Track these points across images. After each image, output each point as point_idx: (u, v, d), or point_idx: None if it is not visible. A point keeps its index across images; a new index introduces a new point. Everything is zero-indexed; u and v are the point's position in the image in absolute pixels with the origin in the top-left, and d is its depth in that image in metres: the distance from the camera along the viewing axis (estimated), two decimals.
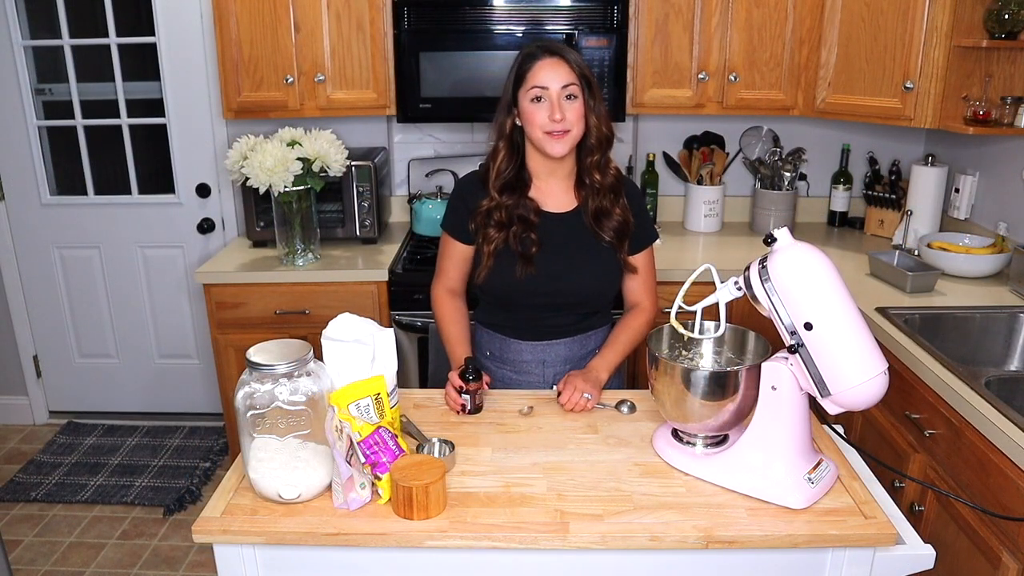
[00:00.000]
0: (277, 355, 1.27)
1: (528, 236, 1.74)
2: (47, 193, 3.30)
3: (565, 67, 1.66)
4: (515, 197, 1.75)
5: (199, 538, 1.27)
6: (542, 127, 1.67)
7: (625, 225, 1.78)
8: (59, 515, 2.90)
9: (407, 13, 2.63)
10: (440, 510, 1.28)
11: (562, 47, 1.69)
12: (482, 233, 1.76)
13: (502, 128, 1.74)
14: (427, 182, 3.15)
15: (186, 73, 3.12)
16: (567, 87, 1.65)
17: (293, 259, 2.71)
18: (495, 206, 1.74)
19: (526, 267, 1.74)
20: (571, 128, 1.68)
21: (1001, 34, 2.33)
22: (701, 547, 1.23)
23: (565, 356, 1.83)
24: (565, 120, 1.66)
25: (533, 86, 1.66)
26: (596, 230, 1.76)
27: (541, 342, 1.82)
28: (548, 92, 1.65)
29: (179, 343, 3.47)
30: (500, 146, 1.75)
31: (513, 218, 1.74)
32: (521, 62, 1.70)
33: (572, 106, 1.67)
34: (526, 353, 1.83)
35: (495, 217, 1.74)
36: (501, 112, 1.75)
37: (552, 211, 1.78)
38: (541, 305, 1.77)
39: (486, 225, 1.75)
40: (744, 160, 3.13)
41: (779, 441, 1.32)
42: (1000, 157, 2.61)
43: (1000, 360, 2.15)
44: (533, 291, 1.75)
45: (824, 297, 1.25)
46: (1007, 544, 1.57)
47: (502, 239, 1.74)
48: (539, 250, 1.74)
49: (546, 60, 1.66)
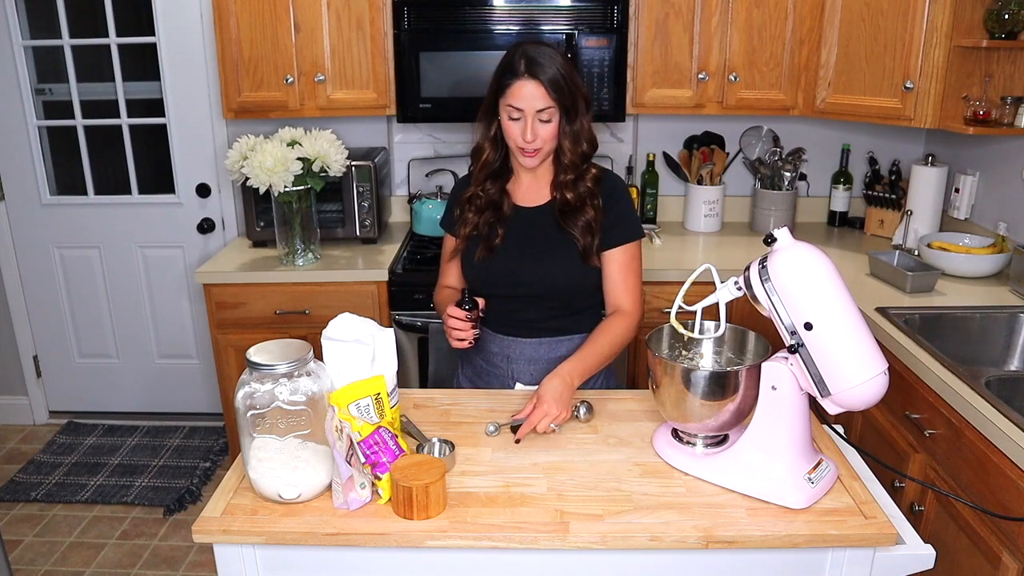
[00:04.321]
0: (277, 355, 1.27)
1: (495, 225, 1.78)
2: (47, 193, 3.30)
3: (541, 91, 1.65)
4: (496, 185, 1.81)
5: (199, 538, 1.27)
6: (516, 142, 1.71)
7: (593, 223, 1.75)
8: (59, 515, 2.90)
9: (407, 13, 2.63)
10: (440, 510, 1.28)
11: (544, 63, 1.65)
12: (462, 218, 1.82)
13: (486, 131, 1.78)
14: (427, 182, 3.15)
15: (186, 73, 3.12)
16: (542, 111, 1.67)
17: (293, 259, 2.71)
18: (478, 191, 1.80)
19: (485, 254, 1.77)
20: (543, 146, 1.71)
21: (1001, 34, 2.33)
22: (701, 547, 1.23)
23: (530, 356, 1.82)
24: (537, 140, 1.69)
25: (509, 104, 1.68)
26: (563, 225, 1.76)
27: (508, 337, 1.82)
28: (523, 113, 1.67)
29: (179, 343, 3.47)
30: (485, 146, 1.79)
31: (489, 204, 1.79)
32: (501, 73, 1.69)
33: (546, 127, 1.69)
34: (493, 345, 1.84)
35: (475, 203, 1.80)
36: (484, 115, 1.77)
37: (524, 205, 1.81)
38: (504, 296, 1.79)
39: (467, 210, 1.81)
40: (744, 160, 3.13)
41: (779, 441, 1.32)
42: (1000, 157, 2.61)
43: (1000, 360, 2.15)
44: (495, 280, 1.78)
45: (824, 297, 1.25)
46: (1007, 544, 1.57)
47: (475, 223, 1.79)
48: (503, 240, 1.77)
49: (523, 82, 1.65)
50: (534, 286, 1.76)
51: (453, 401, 1.68)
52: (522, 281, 1.77)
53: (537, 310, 1.79)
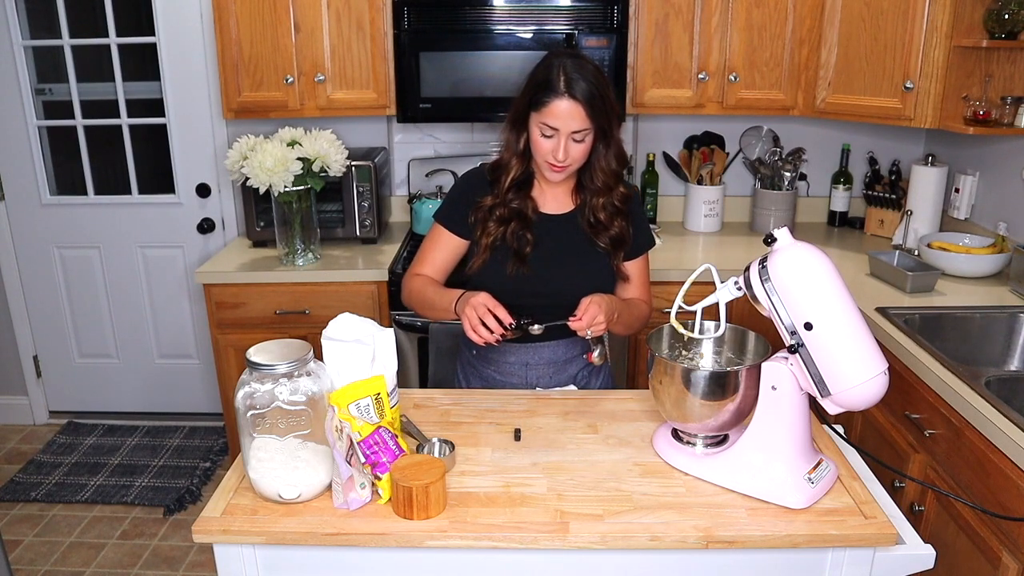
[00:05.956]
0: (277, 355, 1.27)
1: (524, 234, 1.74)
2: (47, 193, 3.30)
3: (580, 111, 1.61)
4: (520, 196, 1.76)
5: (199, 538, 1.27)
6: (544, 157, 1.68)
7: (622, 237, 1.78)
8: (59, 515, 2.90)
9: (407, 13, 2.63)
10: (440, 510, 1.28)
11: (584, 81, 1.61)
12: (481, 227, 1.77)
13: (515, 146, 1.74)
14: (427, 182, 3.15)
15: (186, 73, 3.12)
16: (577, 132, 1.64)
17: (293, 259, 2.71)
18: (500, 203, 1.75)
19: (519, 265, 1.74)
20: (572, 164, 1.69)
21: (1001, 34, 2.33)
22: (701, 547, 1.23)
23: (549, 359, 1.82)
24: (568, 159, 1.66)
25: (544, 122, 1.63)
26: (591, 236, 1.77)
27: (526, 344, 1.80)
28: (557, 132, 1.63)
29: (179, 343, 3.47)
30: (513, 162, 1.75)
31: (513, 215, 1.75)
32: (539, 86, 1.64)
33: (579, 147, 1.66)
34: (510, 355, 1.82)
35: (497, 213, 1.75)
36: (512, 127, 1.73)
37: (549, 212, 1.79)
38: (528, 306, 1.75)
39: (487, 220, 1.76)
40: (744, 160, 3.13)
41: (779, 441, 1.32)
42: (1000, 157, 2.61)
43: (1000, 360, 2.15)
44: (521, 291, 1.74)
45: (824, 297, 1.25)
46: (1007, 544, 1.57)
47: (500, 234, 1.75)
48: (533, 249, 1.75)
49: (564, 102, 1.60)
50: (563, 295, 1.71)
51: (453, 401, 1.68)
52: (551, 292, 1.75)
53: (558, 317, 1.78)
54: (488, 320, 1.59)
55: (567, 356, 1.83)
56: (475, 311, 1.60)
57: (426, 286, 1.80)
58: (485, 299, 1.61)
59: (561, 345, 1.82)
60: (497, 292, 1.71)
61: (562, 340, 1.81)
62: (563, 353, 1.83)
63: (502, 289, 1.73)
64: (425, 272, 1.85)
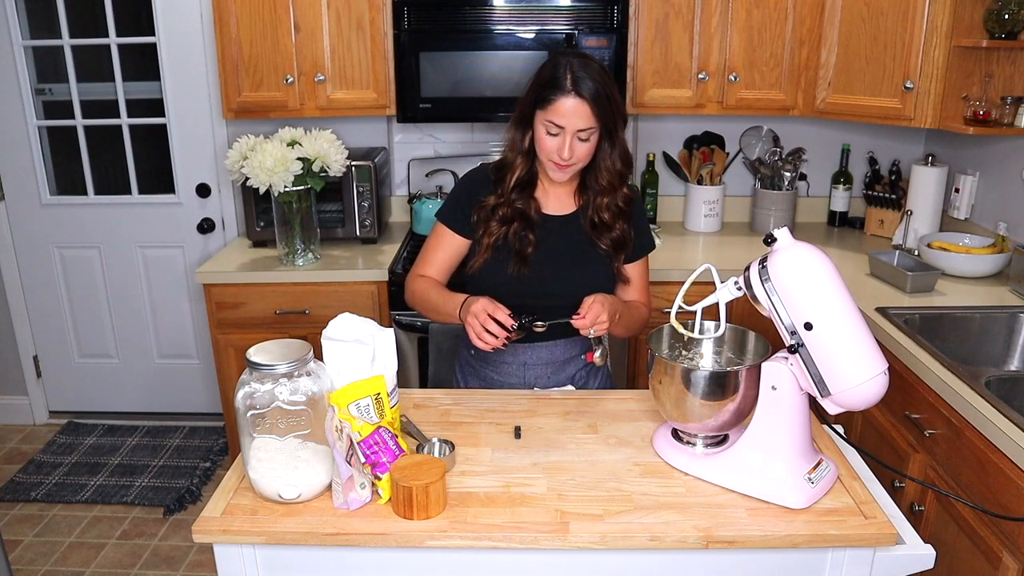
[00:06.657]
0: (277, 355, 1.27)
1: (526, 235, 1.74)
2: (47, 193, 3.30)
3: (586, 110, 1.61)
4: (524, 195, 1.76)
5: (199, 538, 1.27)
6: (549, 156, 1.68)
7: (624, 239, 1.78)
8: (59, 515, 2.90)
9: (407, 13, 2.63)
10: (440, 510, 1.28)
11: (590, 80, 1.61)
12: (484, 226, 1.77)
13: (519, 144, 1.73)
14: (427, 182, 3.15)
15: (186, 73, 3.12)
16: (582, 130, 1.64)
17: (293, 259, 2.71)
18: (503, 202, 1.75)
19: (520, 265, 1.74)
20: (577, 163, 1.69)
21: (1001, 34, 2.33)
22: (701, 547, 1.23)
23: (547, 359, 1.82)
24: (573, 158, 1.66)
25: (550, 119, 1.63)
26: (593, 238, 1.77)
27: (524, 344, 1.80)
28: (563, 130, 1.63)
29: (179, 343, 3.47)
30: (518, 161, 1.75)
31: (516, 215, 1.75)
32: (545, 84, 1.64)
33: (584, 145, 1.66)
34: (508, 355, 1.82)
35: (500, 212, 1.75)
36: (517, 125, 1.73)
37: (551, 213, 1.79)
38: (528, 306, 1.75)
39: (490, 219, 1.76)
40: (744, 160, 3.13)
41: (779, 441, 1.32)
42: (1000, 157, 2.61)
43: (1000, 360, 2.15)
44: (521, 291, 1.74)
45: (824, 297, 1.25)
46: (1007, 544, 1.57)
47: (502, 234, 1.75)
48: (535, 250, 1.74)
49: (570, 100, 1.61)
50: (565, 296, 1.71)
51: (453, 401, 1.68)
52: (551, 293, 1.75)
53: (558, 318, 1.78)
54: (490, 326, 1.59)
55: (565, 356, 1.83)
56: (476, 319, 1.60)
57: (430, 289, 1.80)
58: (485, 305, 1.61)
59: (559, 345, 1.82)
60: (497, 292, 1.71)
61: (560, 340, 1.81)
62: (561, 353, 1.83)
63: (502, 289, 1.73)
64: (428, 272, 1.85)
